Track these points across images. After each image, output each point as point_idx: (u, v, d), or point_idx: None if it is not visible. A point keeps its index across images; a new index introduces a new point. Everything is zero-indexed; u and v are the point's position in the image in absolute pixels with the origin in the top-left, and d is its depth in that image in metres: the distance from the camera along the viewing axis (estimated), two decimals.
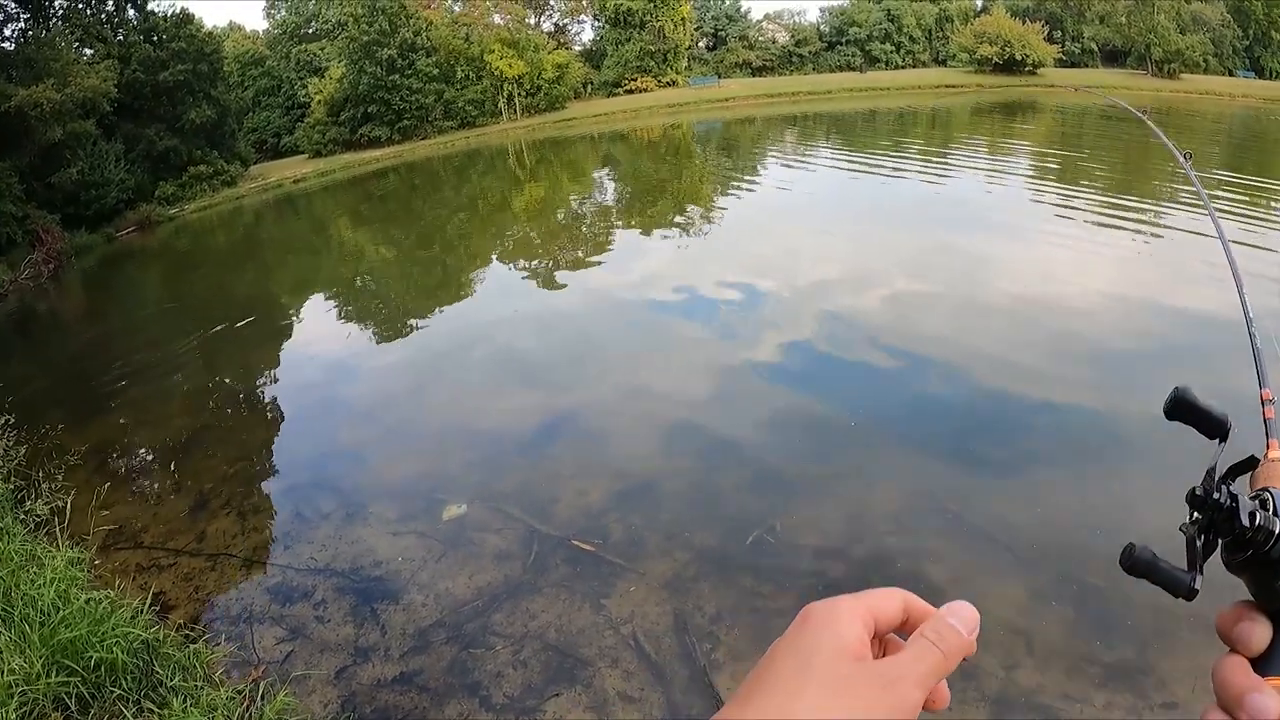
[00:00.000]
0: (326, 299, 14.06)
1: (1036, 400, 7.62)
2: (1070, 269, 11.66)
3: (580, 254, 16.12)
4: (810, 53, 68.18)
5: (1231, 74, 64.63)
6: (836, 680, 0.53)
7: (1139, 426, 6.74)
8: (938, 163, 24.61)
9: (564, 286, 13.83)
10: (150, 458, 8.78)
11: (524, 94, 52.74)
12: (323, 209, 31.01)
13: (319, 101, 49.52)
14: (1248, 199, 15.82)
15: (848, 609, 0.57)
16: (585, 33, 66.30)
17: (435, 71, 49.53)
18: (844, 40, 68.05)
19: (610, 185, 26.75)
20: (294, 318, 13.04)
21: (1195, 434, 0.67)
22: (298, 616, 5.44)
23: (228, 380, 10.74)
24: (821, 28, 69.80)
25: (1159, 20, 62.05)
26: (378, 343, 11.72)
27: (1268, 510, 0.60)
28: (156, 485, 7.96)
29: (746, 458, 7.06)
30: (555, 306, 12.53)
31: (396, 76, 47.94)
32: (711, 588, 5.32)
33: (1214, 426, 0.63)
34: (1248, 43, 66.58)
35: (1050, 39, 64.47)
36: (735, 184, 23.60)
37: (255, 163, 45.65)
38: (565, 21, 66.18)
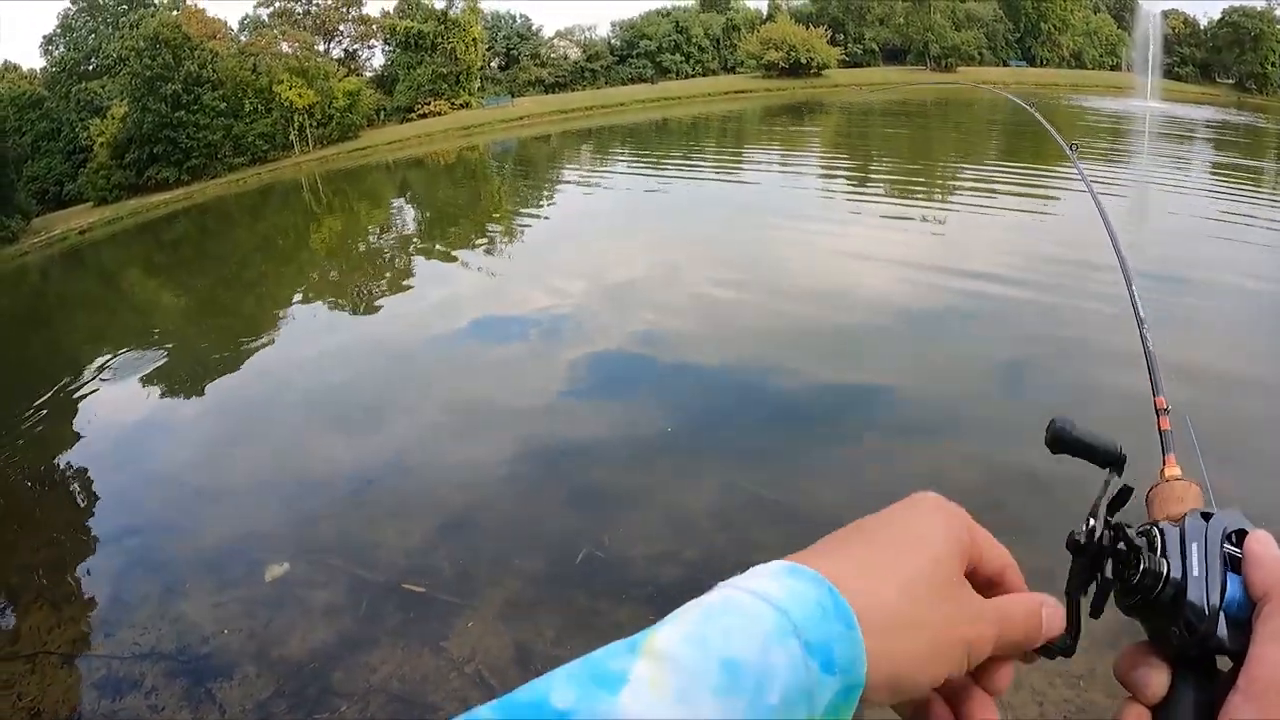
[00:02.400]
0: (121, 358, 13.76)
1: (846, 385, 8.33)
2: (867, 258, 12.78)
3: (384, 286, 16.28)
4: (602, 67, 69.49)
5: (1006, 64, 69.82)
6: (938, 578, 0.51)
7: (950, 402, 7.60)
8: (730, 166, 25.93)
9: (369, 321, 13.91)
10: None
11: (315, 124, 51.73)
12: (113, 261, 30.00)
13: (102, 144, 47.29)
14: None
15: (967, 525, 0.55)
16: (376, 58, 65.66)
17: (223, 105, 48.04)
18: (635, 53, 69.61)
19: (409, 213, 27.09)
20: (88, 382, 12.70)
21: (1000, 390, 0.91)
22: (131, 709, 5.22)
23: (18, 460, 10.41)
24: (613, 42, 71.26)
25: (935, 19, 66.47)
26: (179, 399, 11.52)
27: (1154, 551, 0.56)
28: None
29: (566, 475, 7.23)
30: (361, 342, 12.55)
31: (182, 113, 46.23)
32: (548, 611, 5.42)
33: (1104, 456, 0.59)
34: (1019, 35, 71.95)
35: (833, 41, 67.90)
36: (534, 202, 24.25)
37: (38, 215, 43.40)
38: (355, 47, 65.42)
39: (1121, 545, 0.56)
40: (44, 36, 58.19)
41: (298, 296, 16.76)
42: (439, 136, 51.50)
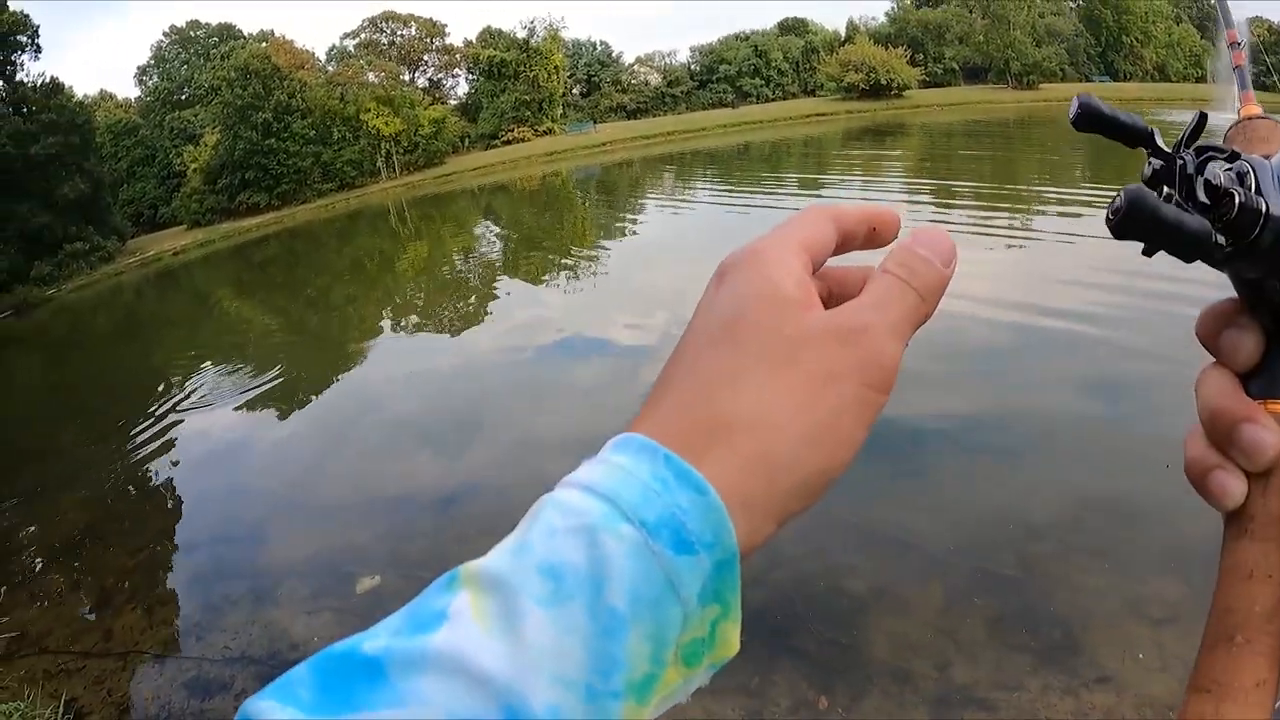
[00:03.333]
0: (214, 375, 14.03)
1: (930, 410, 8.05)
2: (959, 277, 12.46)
3: (469, 309, 16.32)
4: (683, 92, 69.83)
5: (1088, 79, 68.71)
6: (779, 345, 0.40)
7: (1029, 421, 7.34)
8: (810, 189, 25.66)
9: (455, 344, 13.96)
10: (45, 556, 8.61)
11: (401, 151, 52.83)
12: (205, 281, 30.71)
13: (195, 170, 48.93)
14: None
15: (774, 245, 0.44)
16: (460, 86, 66.86)
17: (311, 133, 49.38)
18: (715, 78, 69.84)
19: (494, 237, 27.12)
20: (184, 397, 12.93)
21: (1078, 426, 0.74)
22: (219, 711, 5.25)
23: (118, 468, 10.67)
24: (692, 67, 71.64)
25: (1015, 36, 65.52)
26: (272, 415, 11.63)
27: (1246, 185, 0.45)
28: (56, 585, 7.80)
29: None
30: (448, 365, 12.62)
31: (272, 140, 47.64)
32: None
33: (1133, 135, 0.50)
34: (1101, 49, 70.72)
35: (913, 62, 67.26)
36: (617, 226, 24.20)
37: (133, 236, 44.88)
38: (439, 76, 66.66)
39: (1208, 179, 0.45)
40: (138, 67, 60.74)
41: (385, 318, 16.98)
42: (523, 163, 51.99)
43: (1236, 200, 0.43)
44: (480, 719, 0.31)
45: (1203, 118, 0.48)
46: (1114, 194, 0.41)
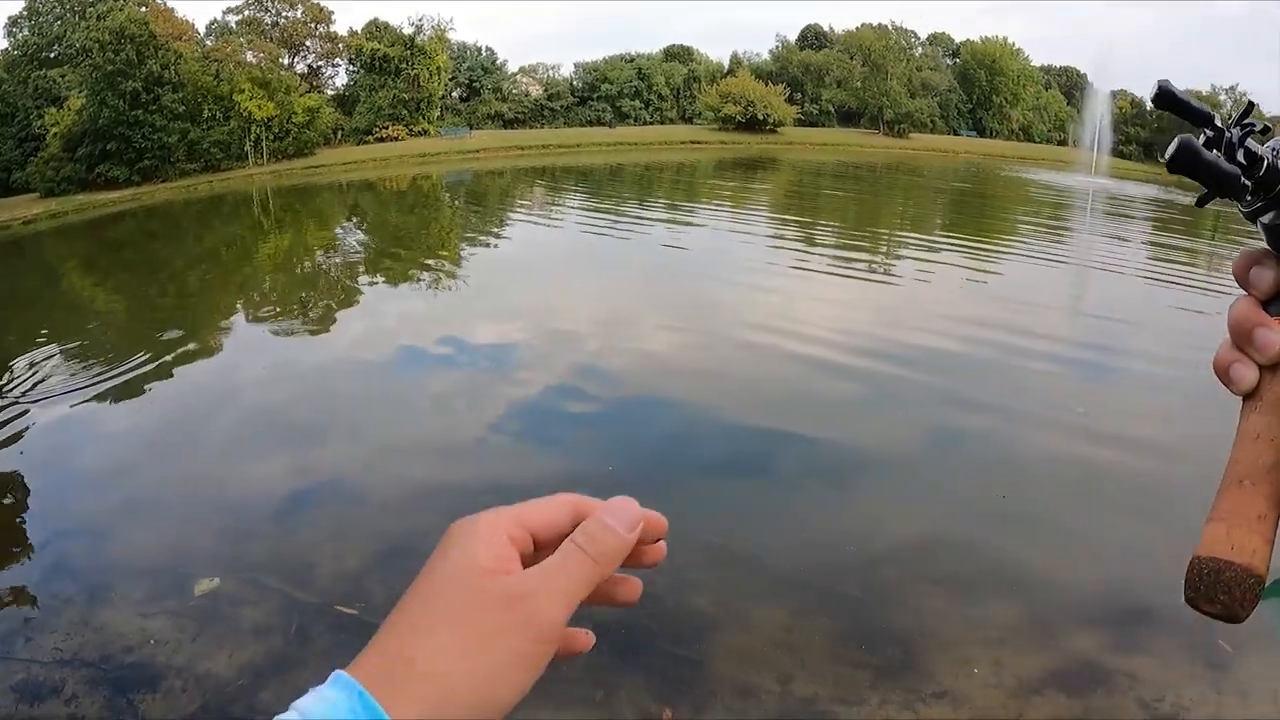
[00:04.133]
0: (54, 359, 13.72)
1: (780, 433, 8.41)
2: (807, 309, 13.42)
3: (327, 308, 16.35)
4: (562, 107, 70.25)
5: (956, 133, 72.52)
6: (459, 605, 0.48)
7: (880, 451, 7.84)
8: (680, 215, 26.72)
9: (310, 343, 13.93)
10: None
11: (272, 137, 51.52)
12: (55, 256, 29.82)
13: (55, 135, 46.59)
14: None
15: (488, 522, 0.52)
16: (340, 77, 65.76)
17: (181, 109, 47.59)
18: (595, 96, 70.51)
19: (358, 236, 27.26)
20: (17, 382, 12.52)
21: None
22: (48, 715, 5.06)
23: None
24: (574, 83, 72.04)
25: (892, 85, 68.54)
26: (116, 407, 11.18)
27: (1278, 156, 0.58)
28: None
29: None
30: (301, 364, 12.50)
31: (140, 112, 45.54)
32: None
33: (1198, 116, 0.59)
34: (971, 106, 74.67)
35: (791, 100, 69.39)
36: (483, 237, 24.67)
37: None
38: (320, 64, 65.59)
39: (1248, 147, 0.59)
40: (9, 18, 57.33)
41: (240, 312, 16.85)
42: (395, 161, 51.69)
43: (1266, 161, 0.57)
44: None
45: (1250, 104, 0.60)
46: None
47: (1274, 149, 0.58)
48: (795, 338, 11.71)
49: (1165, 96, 0.59)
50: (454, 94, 67.45)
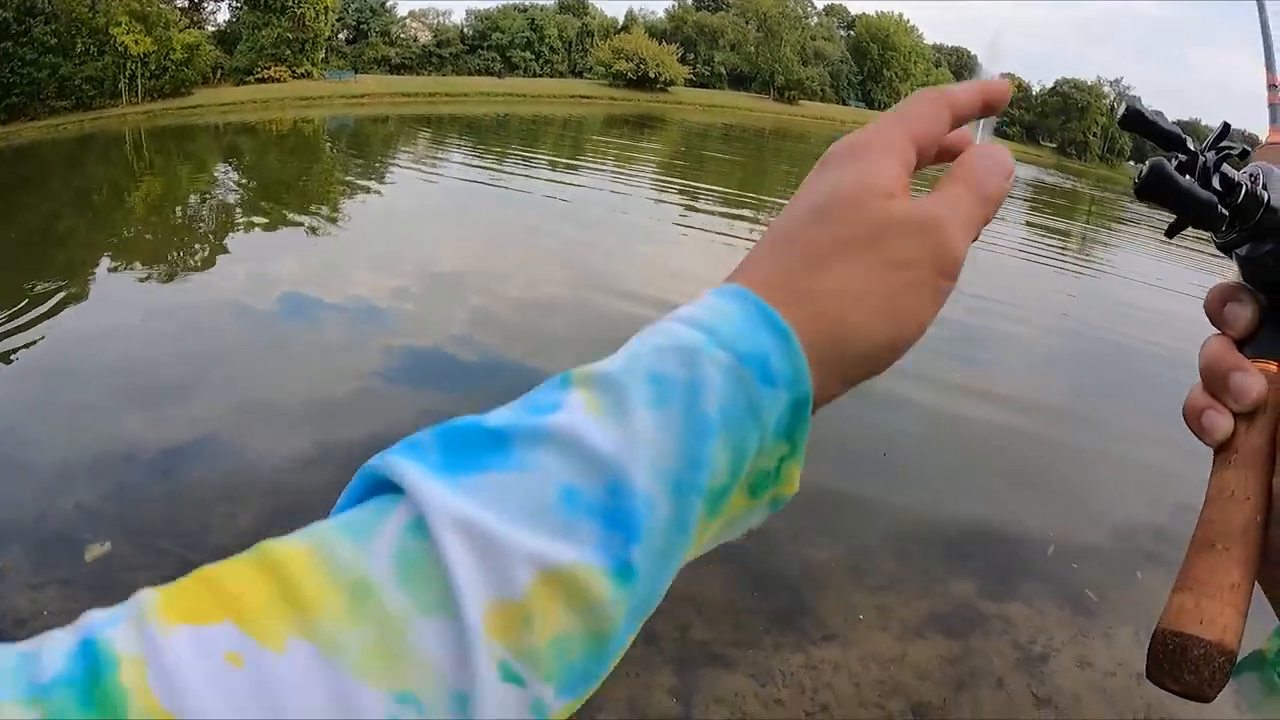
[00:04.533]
0: None
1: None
2: (686, 265, 13.99)
3: (203, 256, 16.15)
4: (451, 54, 69.48)
5: (845, 103, 74.16)
6: (864, 230, 0.44)
7: None
8: (562, 172, 27.16)
9: (181, 290, 13.67)
10: None
11: (148, 75, 49.79)
12: None
13: None
14: None
15: (881, 142, 0.47)
16: (222, 13, 63.90)
17: (53, 41, 45.25)
18: (486, 45, 69.97)
19: (235, 181, 26.81)
20: None
21: None
22: None
23: None
24: (465, 30, 71.25)
25: (785, 52, 69.57)
26: None
27: (1255, 182, 0.53)
28: None
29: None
30: (180, 314, 12.12)
31: (9, 44, 43.07)
32: None
33: (1170, 139, 0.54)
34: (862, 78, 76.37)
35: (683, 60, 69.85)
36: (364, 185, 24.52)
37: None
38: None
39: (1224, 173, 0.53)
40: None
41: (108, 259, 16.40)
42: (275, 104, 50.60)
43: (1244, 188, 0.53)
44: (587, 488, 0.37)
45: (1226, 126, 0.55)
46: None
47: (1251, 175, 0.55)
48: (659, 304, 11.92)
49: (1133, 117, 0.55)
50: (340, 35, 65.96)
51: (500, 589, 0.35)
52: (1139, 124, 0.55)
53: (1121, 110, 0.55)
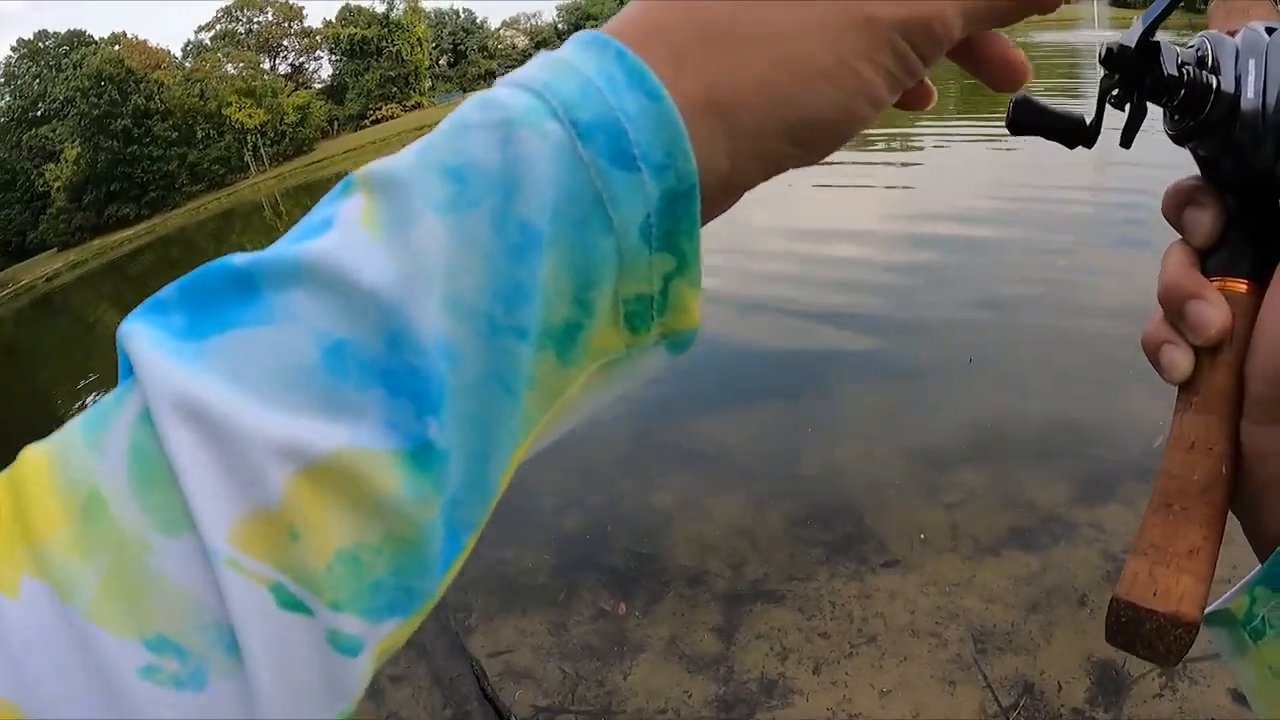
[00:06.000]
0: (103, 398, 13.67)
1: None
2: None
3: None
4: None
5: None
6: None
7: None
8: None
9: None
10: None
11: (268, 143, 51.77)
12: (83, 304, 29.90)
13: (58, 188, 47.34)
14: None
15: None
16: (324, 69, 65.43)
17: (174, 135, 48.15)
18: None
19: None
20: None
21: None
22: None
23: None
24: (559, 26, 71.12)
25: None
26: None
27: (1205, 65, 0.45)
28: None
29: None
30: None
31: (135, 147, 46.38)
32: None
33: (1069, 131, 0.46)
34: None
35: None
36: None
37: (2, 268, 43.36)
38: (301, 60, 65.14)
39: (1163, 63, 0.44)
40: None
41: None
42: (394, 140, 51.04)
43: (1184, 80, 0.44)
44: (359, 340, 0.27)
45: (1171, 4, 0.46)
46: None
47: (1198, 52, 0.45)
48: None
49: (1025, 110, 0.46)
50: (440, 61, 66.88)
51: (249, 495, 0.26)
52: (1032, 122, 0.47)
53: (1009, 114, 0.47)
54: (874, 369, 6.56)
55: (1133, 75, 0.44)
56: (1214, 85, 0.44)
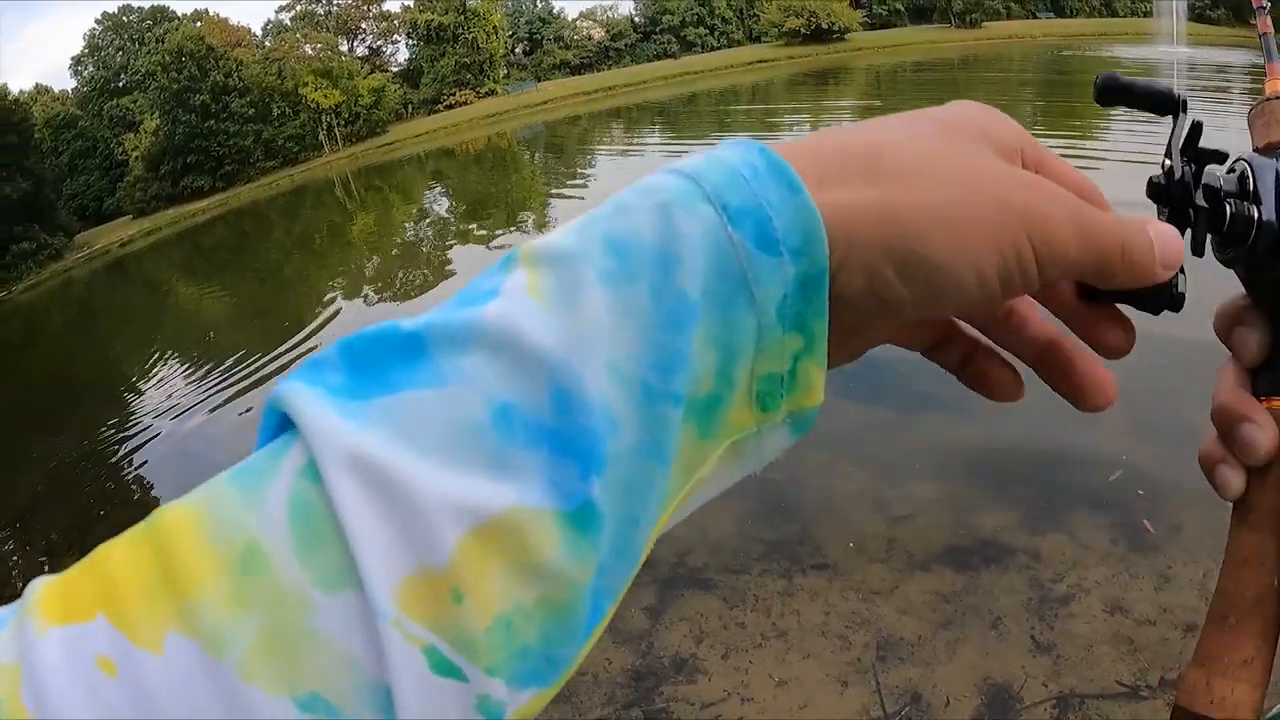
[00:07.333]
0: (179, 371, 13.64)
1: None
2: None
3: (422, 278, 16.12)
4: (626, 45, 69.44)
5: (1034, 16, 68.62)
6: (972, 144, 0.35)
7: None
8: (767, 133, 25.73)
9: (415, 308, 13.70)
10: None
11: (343, 123, 52.45)
12: (155, 270, 30.43)
13: (136, 158, 48.31)
14: None
15: (1004, 119, 0.37)
16: (400, 53, 66.01)
17: (251, 111, 48.84)
18: (658, 29, 69.40)
19: (443, 203, 26.98)
20: (140, 390, 12.60)
21: None
22: None
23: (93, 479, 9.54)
24: (635, 19, 71.01)
25: None
26: (242, 411, 10.20)
27: (1246, 188, 0.45)
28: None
29: None
30: None
31: (212, 122, 47.17)
32: None
33: (1159, 101, 0.46)
34: None
35: (856, 4, 66.98)
36: (569, 183, 23.99)
37: (79, 231, 44.41)
38: (378, 44, 65.73)
39: (1202, 192, 0.44)
40: (72, 58, 58.82)
41: (338, 292, 16.45)
42: (465, 126, 51.59)
43: (1228, 212, 0.44)
44: (526, 402, 0.28)
45: (1198, 126, 0.45)
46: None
47: (1240, 176, 0.46)
48: None
49: (1112, 87, 0.46)
50: (516, 50, 67.13)
51: (417, 553, 0.26)
52: (1118, 95, 0.47)
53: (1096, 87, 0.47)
54: (851, 384, 6.30)
55: (1177, 208, 0.43)
56: (1255, 217, 0.44)
